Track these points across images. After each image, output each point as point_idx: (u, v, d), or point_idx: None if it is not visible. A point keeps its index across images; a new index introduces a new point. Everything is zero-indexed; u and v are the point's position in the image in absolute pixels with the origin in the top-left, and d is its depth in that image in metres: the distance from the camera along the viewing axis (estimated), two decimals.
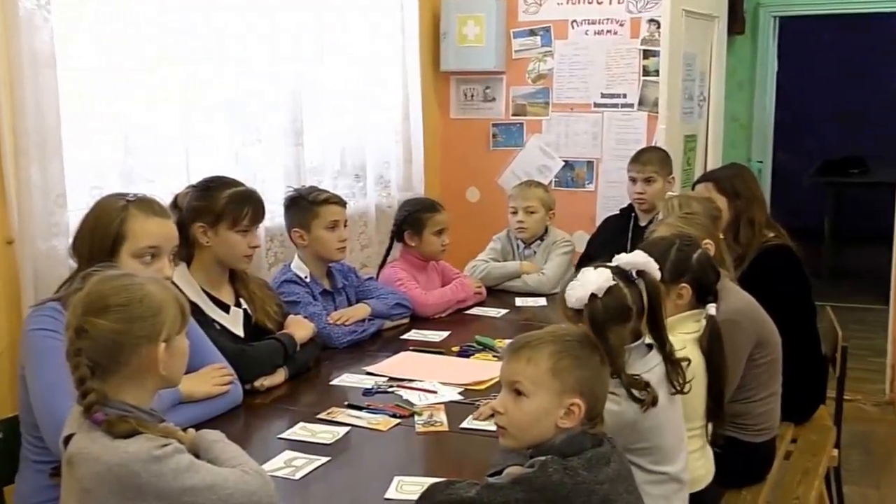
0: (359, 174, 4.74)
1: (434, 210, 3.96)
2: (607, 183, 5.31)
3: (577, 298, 2.15)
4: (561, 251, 4.33)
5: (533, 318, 3.79)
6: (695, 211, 3.23)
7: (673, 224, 3.00)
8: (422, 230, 3.91)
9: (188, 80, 3.61)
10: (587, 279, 2.16)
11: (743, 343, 2.83)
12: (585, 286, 2.15)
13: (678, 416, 2.32)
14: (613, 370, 2.12)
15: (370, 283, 3.69)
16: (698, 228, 3.00)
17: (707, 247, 2.90)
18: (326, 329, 3.29)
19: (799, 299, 3.58)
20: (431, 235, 3.92)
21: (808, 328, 3.63)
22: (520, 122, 5.51)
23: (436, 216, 3.93)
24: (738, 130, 7.41)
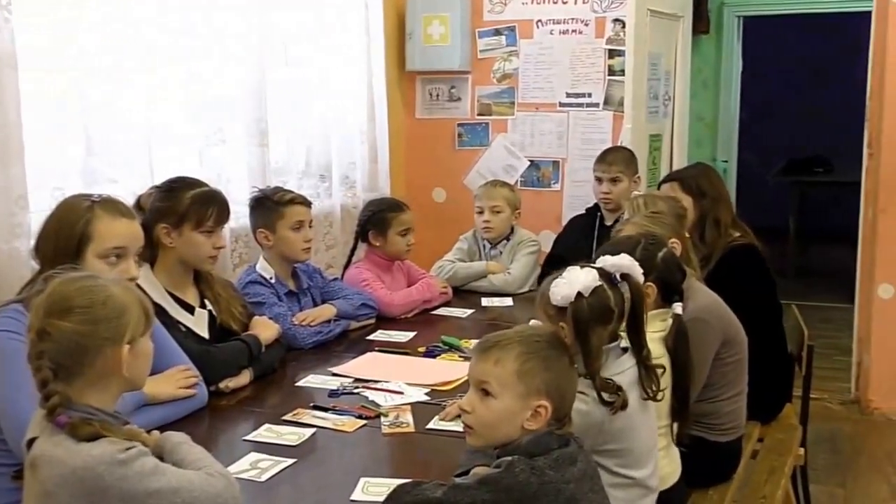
0: (324, 174, 4.74)
1: (398, 210, 3.97)
2: (573, 182, 5.35)
3: (562, 296, 2.17)
4: (527, 251, 4.35)
5: (499, 318, 3.81)
6: (660, 210, 3.25)
7: (639, 223, 3.02)
8: (386, 230, 3.92)
9: (151, 80, 3.60)
10: (574, 278, 2.18)
11: (710, 342, 2.85)
12: (572, 284, 2.17)
13: (650, 422, 2.33)
14: (589, 371, 2.14)
15: (335, 284, 3.69)
16: (664, 227, 3.02)
17: (674, 246, 2.92)
18: (292, 330, 3.28)
19: (765, 298, 3.62)
20: (396, 235, 3.93)
21: (775, 327, 3.67)
22: (485, 122, 5.53)
23: (400, 216, 3.94)
24: (703, 130, 7.48)
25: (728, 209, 3.79)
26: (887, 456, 4.69)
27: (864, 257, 5.25)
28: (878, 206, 5.08)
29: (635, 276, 2.26)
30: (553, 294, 2.18)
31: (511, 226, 4.41)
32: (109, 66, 3.42)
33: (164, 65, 3.66)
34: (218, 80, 3.96)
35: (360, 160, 4.98)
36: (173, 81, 3.73)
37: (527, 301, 4.14)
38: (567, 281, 2.18)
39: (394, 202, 4.09)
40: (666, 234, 2.96)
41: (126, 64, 3.48)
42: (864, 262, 5.25)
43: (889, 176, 5.04)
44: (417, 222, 4.13)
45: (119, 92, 3.48)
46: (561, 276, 2.20)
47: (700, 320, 2.75)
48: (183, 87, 3.79)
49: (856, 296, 5.36)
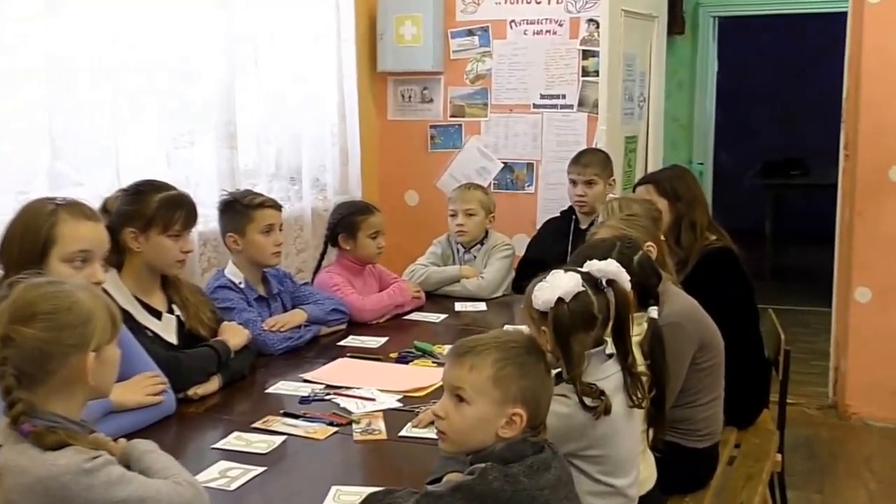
0: (294, 177, 4.74)
1: (368, 212, 3.97)
2: (547, 185, 5.37)
3: (543, 301, 2.18)
4: (501, 255, 4.36)
5: (472, 324, 3.81)
6: (635, 213, 3.26)
7: (614, 226, 3.03)
8: (356, 233, 3.92)
9: (118, 81, 3.58)
10: (556, 282, 2.18)
11: (686, 346, 2.87)
12: (554, 289, 2.18)
13: (634, 430, 2.33)
14: (570, 378, 2.15)
15: (306, 289, 3.69)
16: (640, 231, 3.03)
17: (649, 249, 2.94)
18: (261, 336, 3.28)
19: (742, 302, 3.64)
20: (366, 238, 3.92)
21: (751, 332, 3.69)
22: (458, 124, 5.54)
23: (370, 218, 3.94)
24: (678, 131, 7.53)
25: (704, 212, 3.82)
26: (865, 461, 4.73)
27: (841, 260, 5.29)
28: (855, 209, 5.12)
29: (622, 283, 2.27)
30: (535, 298, 2.19)
31: (485, 229, 4.42)
32: (76, 68, 3.40)
33: (131, 66, 3.65)
34: (186, 82, 3.95)
35: (330, 163, 4.97)
36: (141, 83, 3.72)
37: (501, 306, 4.16)
38: (549, 285, 2.19)
39: (363, 205, 4.09)
40: (641, 237, 2.97)
41: (92, 65, 3.47)
42: (841, 266, 5.29)
43: (865, 177, 5.08)
44: (389, 226, 4.13)
45: (85, 93, 3.46)
46: (545, 279, 2.21)
47: (676, 325, 2.76)
48: (151, 89, 3.77)
49: (833, 299, 5.40)
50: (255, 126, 4.45)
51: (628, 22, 5.14)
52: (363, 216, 3.94)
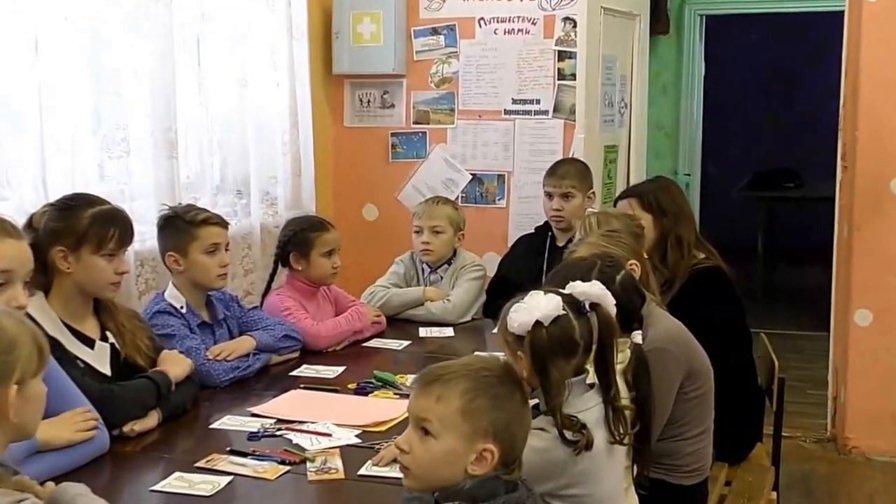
0: (241, 190, 4.73)
1: (322, 228, 3.96)
2: (520, 199, 5.39)
3: (520, 323, 2.18)
4: (470, 276, 4.36)
5: (439, 351, 3.81)
6: (616, 229, 3.27)
7: (595, 243, 3.05)
8: (309, 252, 3.91)
9: (45, 84, 3.56)
10: (535, 304, 2.19)
11: (673, 373, 2.88)
12: (531, 311, 2.18)
13: (617, 466, 2.34)
14: (549, 408, 2.15)
15: (255, 314, 3.67)
16: (622, 248, 3.05)
17: (633, 268, 2.96)
18: (206, 365, 3.26)
19: (732, 326, 3.67)
20: (320, 257, 3.91)
21: (743, 358, 3.72)
22: (422, 131, 5.55)
23: (324, 235, 3.93)
24: (663, 140, 7.59)
25: (691, 228, 3.85)
26: (867, 499, 4.76)
27: (839, 280, 5.33)
28: (854, 223, 5.16)
29: (606, 306, 2.29)
30: (511, 320, 2.20)
31: (453, 248, 4.42)
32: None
33: (58, 65, 3.62)
34: (120, 83, 3.93)
35: (281, 174, 4.96)
36: (70, 85, 3.69)
37: (470, 331, 4.16)
38: (527, 307, 2.20)
39: (316, 220, 4.09)
40: (624, 254, 2.99)
41: (17, 67, 3.44)
42: (840, 286, 5.33)
43: (864, 190, 5.12)
44: (347, 243, 4.12)
45: (6, 96, 3.43)
46: (522, 300, 2.22)
47: (661, 350, 2.78)
48: (80, 92, 3.75)
49: (831, 322, 5.44)
50: (197, 133, 4.44)
51: (608, 20, 5.18)
52: (317, 233, 3.93)
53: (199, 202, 4.08)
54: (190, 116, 4.36)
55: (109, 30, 3.88)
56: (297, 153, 5.07)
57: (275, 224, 4.80)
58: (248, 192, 4.73)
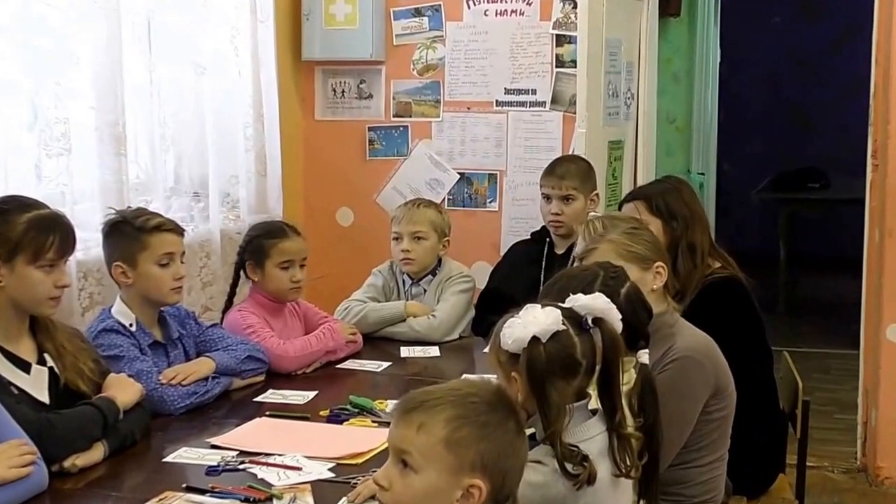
0: (199, 192, 4.71)
1: (280, 235, 3.93)
2: (514, 201, 5.39)
3: (514, 339, 2.18)
4: (457, 288, 4.35)
5: (423, 373, 3.81)
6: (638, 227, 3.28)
7: (617, 241, 3.07)
8: (263, 261, 3.89)
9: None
10: (531, 318, 2.20)
11: (700, 387, 2.90)
12: (527, 326, 2.18)
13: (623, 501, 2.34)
14: (548, 435, 2.14)
15: (214, 332, 3.65)
16: (647, 247, 3.08)
17: (659, 272, 3.01)
18: (158, 390, 3.24)
19: (751, 343, 3.67)
20: (276, 269, 3.88)
21: (763, 379, 3.72)
22: (403, 125, 5.55)
23: (281, 243, 3.90)
24: (674, 135, 7.61)
25: (705, 233, 3.85)
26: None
27: (870, 291, 5.33)
28: (886, 227, 5.16)
29: (611, 322, 2.28)
30: (504, 336, 2.20)
31: (438, 257, 4.42)
32: None
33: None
34: (60, 71, 3.90)
35: (244, 174, 4.95)
36: (2, 75, 3.67)
37: (458, 350, 4.15)
38: (522, 322, 2.20)
39: (275, 226, 4.05)
40: (651, 255, 3.04)
41: None
42: (870, 297, 5.34)
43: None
44: (319, 251, 4.11)
45: None
46: (517, 315, 2.22)
47: (690, 359, 2.81)
48: (13, 81, 3.73)
49: (860, 339, 5.45)
50: (148, 128, 4.42)
51: (612, 1, 5.17)
52: (272, 240, 3.91)
53: (150, 205, 4.05)
54: (140, 108, 4.34)
55: (46, 8, 3.85)
56: (262, 150, 5.06)
57: (237, 230, 4.78)
58: (206, 193, 4.71)
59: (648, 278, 3.04)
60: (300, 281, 3.93)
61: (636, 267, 3.00)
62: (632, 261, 3.01)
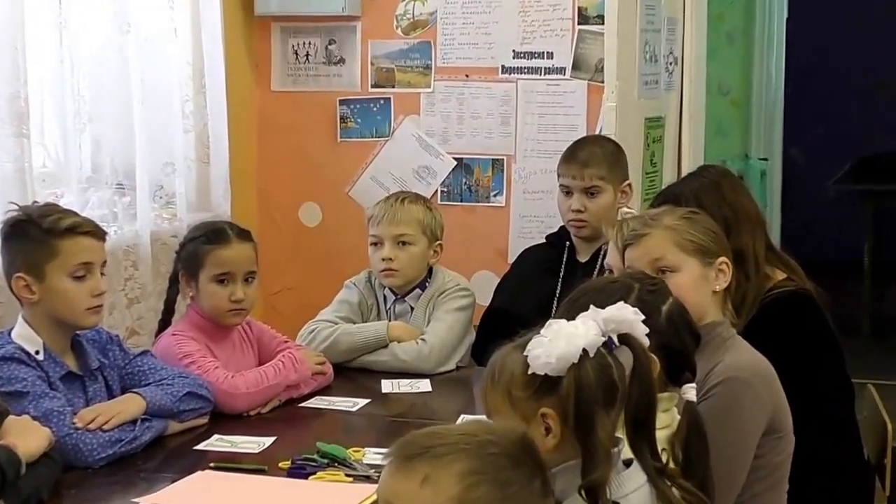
0: (123, 183, 4.70)
1: (217, 240, 3.88)
2: (526, 194, 5.38)
3: (558, 358, 2.17)
4: (453, 305, 4.36)
5: (409, 413, 3.83)
6: (697, 211, 3.30)
7: (672, 227, 3.09)
8: (196, 273, 3.87)
9: None
10: (571, 331, 2.20)
11: (756, 414, 2.93)
12: (571, 340, 2.18)
13: None
14: (591, 489, 2.14)
15: (144, 361, 3.64)
16: (710, 238, 3.11)
17: (722, 269, 3.07)
18: (73, 437, 3.23)
19: (826, 375, 3.68)
20: (211, 283, 3.85)
21: (841, 418, 3.73)
22: (384, 98, 5.55)
23: (217, 251, 3.86)
24: (728, 110, 7.61)
25: (758, 236, 3.84)
26: None
27: None
28: None
29: (639, 338, 2.29)
30: (535, 358, 2.19)
31: (427, 266, 4.42)
32: None
33: None
34: None
35: (182, 161, 4.94)
36: None
37: (454, 384, 4.15)
38: (559, 336, 2.19)
39: (215, 228, 3.99)
40: (714, 247, 3.09)
41: None
42: None
43: None
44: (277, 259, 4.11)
45: None
46: (539, 334, 2.21)
47: (741, 381, 2.86)
48: None
49: None
50: (58, 102, 4.42)
51: None
52: (208, 246, 3.87)
53: (61, 200, 4.06)
54: (47, 78, 4.35)
55: None
56: (205, 130, 5.07)
57: (172, 232, 4.78)
58: (132, 186, 4.70)
59: (710, 277, 3.08)
60: (241, 301, 3.88)
61: (697, 261, 3.03)
62: (693, 253, 3.04)
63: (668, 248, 3.01)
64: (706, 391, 2.85)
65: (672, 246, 3.03)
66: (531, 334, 2.27)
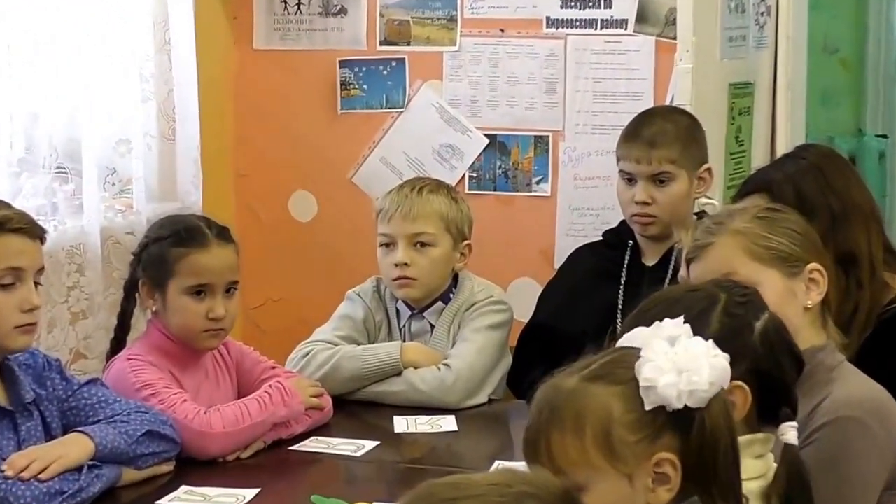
0: (66, 166, 4.71)
1: (193, 242, 3.87)
2: (577, 181, 5.39)
3: (710, 384, 2.19)
4: (485, 322, 4.37)
5: (428, 459, 3.86)
6: (779, 210, 3.29)
7: (747, 231, 3.09)
8: (164, 282, 3.87)
9: None
10: (697, 348, 2.21)
11: (872, 465, 2.94)
12: (702, 366, 2.19)
13: None
14: None
15: (92, 393, 3.66)
16: (796, 241, 3.10)
17: (814, 277, 3.06)
18: (1, 488, 3.26)
19: None
20: (183, 296, 3.84)
21: None
22: (398, 58, 5.57)
23: (194, 256, 3.86)
24: (837, 74, 7.60)
25: (873, 233, 3.85)
26: None
27: None
28: None
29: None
30: (667, 387, 2.19)
31: (452, 272, 4.44)
32: None
33: None
34: None
35: (139, 137, 4.96)
36: None
37: (486, 422, 4.16)
38: (692, 356, 2.20)
39: (187, 225, 3.96)
40: (801, 252, 3.08)
41: None
42: None
43: None
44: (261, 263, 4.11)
45: None
46: (638, 355, 2.22)
47: (852, 421, 2.87)
48: None
49: None
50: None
51: None
52: (181, 249, 3.87)
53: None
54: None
55: None
56: (169, 99, 5.10)
57: (127, 228, 4.80)
58: (77, 169, 4.72)
59: (799, 290, 3.07)
60: (222, 319, 3.88)
61: (777, 272, 3.02)
62: (772, 263, 3.03)
63: (739, 259, 3.00)
64: (809, 434, 2.86)
65: (743, 255, 3.02)
66: (600, 358, 2.27)
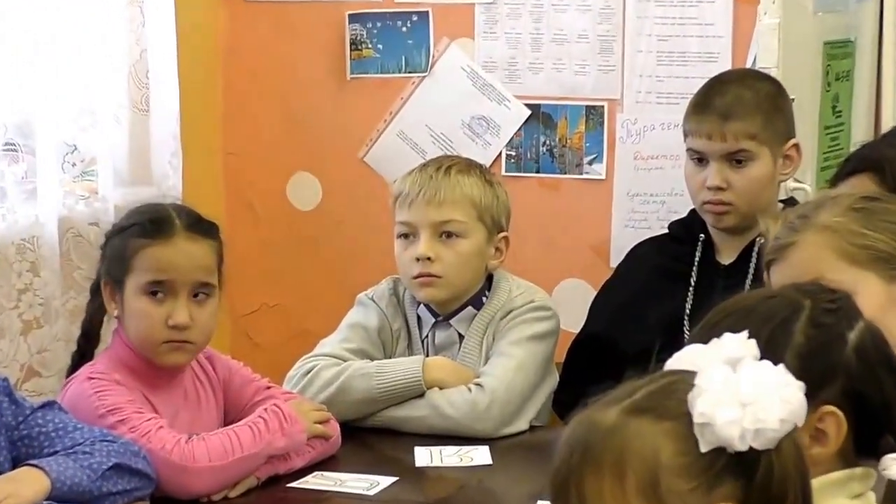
0: (16, 143, 4.74)
1: (155, 232, 3.88)
2: (639, 161, 5.40)
3: (781, 421, 2.20)
4: (525, 332, 4.39)
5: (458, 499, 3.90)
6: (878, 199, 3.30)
7: (837, 227, 3.04)
8: (122, 279, 3.89)
9: None
10: (759, 376, 2.22)
11: None
12: (771, 398, 2.21)
13: None
14: None
15: (48, 418, 3.68)
16: None
17: None
18: None
19: None
20: (139, 296, 3.88)
21: None
22: (420, 12, 5.60)
23: (151, 248, 3.87)
24: None
25: None
26: None
27: None
28: None
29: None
30: (726, 425, 2.20)
31: (486, 270, 4.47)
32: None
33: None
34: None
35: (106, 108, 5.00)
36: None
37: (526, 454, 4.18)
38: (758, 386, 2.22)
39: (154, 214, 3.97)
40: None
41: None
42: None
43: None
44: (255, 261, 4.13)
45: None
46: (692, 383, 2.24)
47: None
48: None
49: None
50: None
51: None
52: (140, 240, 3.87)
53: None
54: None
55: None
56: (142, 62, 5.14)
57: (92, 218, 4.82)
58: (30, 147, 4.76)
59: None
60: (185, 328, 3.86)
61: (874, 276, 3.01)
62: (869, 264, 3.03)
63: (828, 262, 2.98)
64: None
65: (833, 257, 3.00)
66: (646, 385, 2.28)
